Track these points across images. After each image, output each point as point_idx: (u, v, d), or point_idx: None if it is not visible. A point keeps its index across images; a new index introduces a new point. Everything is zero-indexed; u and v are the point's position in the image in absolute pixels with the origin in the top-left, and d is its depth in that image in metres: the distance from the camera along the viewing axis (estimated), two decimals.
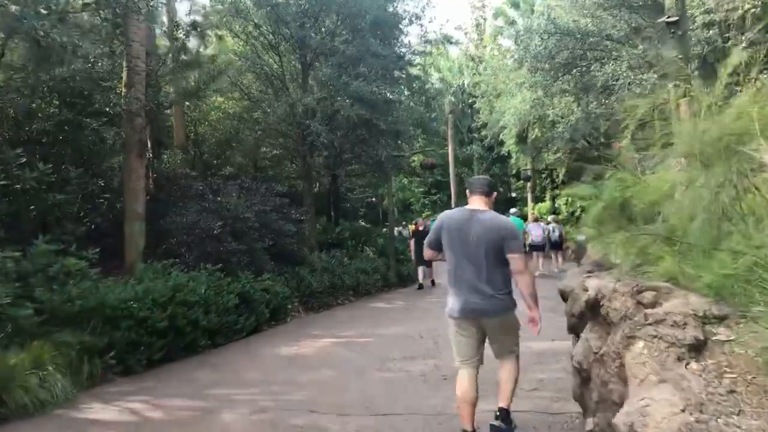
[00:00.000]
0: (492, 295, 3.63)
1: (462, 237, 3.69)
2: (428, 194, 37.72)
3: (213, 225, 9.11)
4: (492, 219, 3.74)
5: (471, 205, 3.86)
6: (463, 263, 3.69)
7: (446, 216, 3.93)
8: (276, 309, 9.23)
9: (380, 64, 13.33)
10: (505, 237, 3.67)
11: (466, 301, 3.67)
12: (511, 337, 3.86)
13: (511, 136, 24.26)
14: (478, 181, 4.01)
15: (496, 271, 3.66)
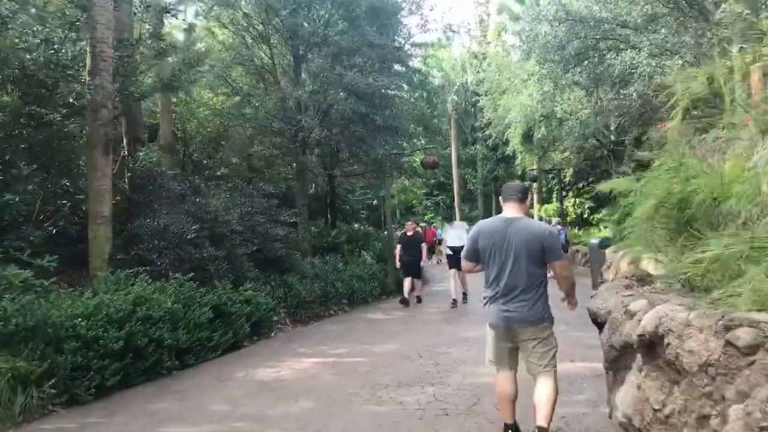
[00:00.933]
0: (528, 304, 3.61)
1: (499, 246, 3.67)
2: (430, 196, 36.79)
3: (187, 228, 8.17)
4: (529, 226, 3.71)
5: (506, 213, 3.80)
6: (501, 272, 3.66)
7: (482, 226, 3.89)
8: (258, 322, 8.28)
9: (377, 55, 12.42)
10: (544, 244, 3.64)
11: (504, 310, 3.65)
12: (547, 350, 3.71)
13: (517, 134, 23.29)
14: (512, 187, 3.91)
15: (534, 280, 3.64)
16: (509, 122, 20.28)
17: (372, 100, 11.99)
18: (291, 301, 9.54)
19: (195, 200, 9.29)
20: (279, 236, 10.16)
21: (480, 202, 35.24)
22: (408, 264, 11.19)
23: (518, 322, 3.63)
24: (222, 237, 9.02)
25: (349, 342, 7.79)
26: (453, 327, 8.54)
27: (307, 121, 11.36)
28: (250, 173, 19.11)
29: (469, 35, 31.43)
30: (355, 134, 12.67)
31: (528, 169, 25.07)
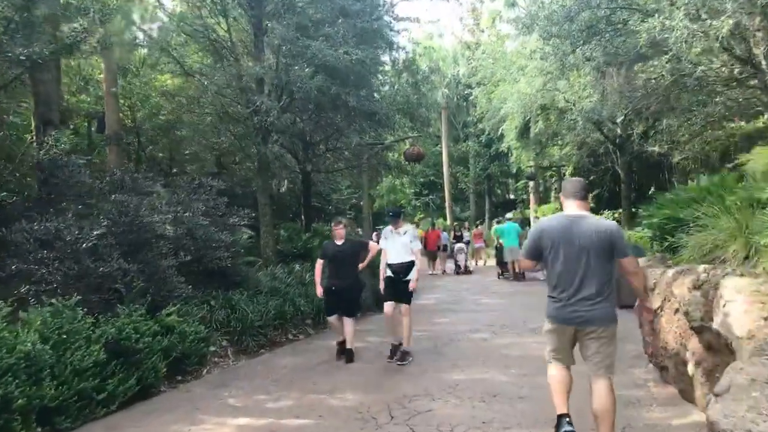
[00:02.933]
0: (595, 303, 3.53)
1: (567, 244, 3.59)
2: (420, 195, 34.88)
3: (86, 235, 6.15)
4: (596, 223, 3.66)
5: (568, 210, 3.76)
6: (565, 271, 3.60)
7: (546, 224, 3.85)
8: (182, 358, 6.26)
9: (353, 26, 10.42)
10: (613, 241, 3.55)
11: (567, 309, 3.59)
12: (610, 350, 3.61)
13: (512, 128, 21.42)
14: (574, 184, 3.82)
15: (601, 278, 3.56)
16: (505, 114, 18.39)
17: (345, 78, 10.01)
18: (235, 326, 7.52)
19: (111, 198, 7.25)
20: (223, 243, 8.14)
21: (472, 202, 33.35)
22: (337, 295, 6.80)
23: (586, 322, 3.57)
24: (140, 245, 7.00)
25: (299, 387, 5.79)
26: (436, 364, 6.56)
27: (263, 102, 9.35)
28: (218, 169, 17.14)
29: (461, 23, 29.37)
30: (326, 120, 10.66)
31: (526, 166, 23.20)
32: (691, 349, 4.39)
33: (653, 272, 5.42)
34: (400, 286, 6.74)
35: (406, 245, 6.76)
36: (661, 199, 6.08)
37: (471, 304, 11.14)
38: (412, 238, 6.85)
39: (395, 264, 6.74)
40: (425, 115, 15.16)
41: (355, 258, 7.03)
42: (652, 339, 5.44)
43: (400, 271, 6.73)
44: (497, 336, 7.92)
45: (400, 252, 6.73)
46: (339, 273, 6.89)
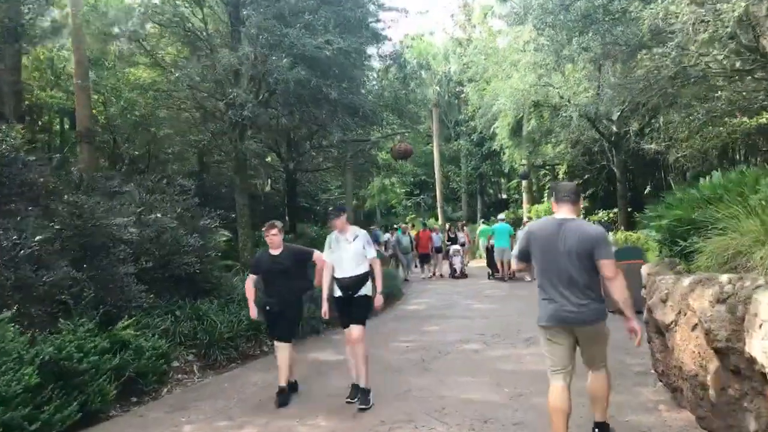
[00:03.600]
0: (585, 303, 3.61)
1: (553, 247, 3.67)
2: (411, 195, 34.26)
3: (26, 240, 5.46)
4: (582, 227, 3.75)
5: (558, 214, 3.80)
6: (553, 273, 3.68)
7: (534, 226, 3.94)
8: (137, 378, 5.60)
9: (334, 13, 9.77)
10: (595, 244, 3.60)
11: (558, 310, 3.66)
12: (601, 346, 3.79)
13: (505, 126, 20.84)
14: (565, 188, 3.90)
15: (588, 280, 3.63)
16: (497, 111, 17.80)
17: (326, 69, 9.36)
18: (202, 339, 6.85)
19: (64, 198, 6.57)
20: (192, 247, 7.48)
21: (464, 202, 32.77)
22: (276, 316, 5.49)
23: (575, 322, 3.65)
24: (98, 250, 6.33)
25: (267, 410, 5.15)
26: (422, 381, 5.94)
27: (238, 94, 8.69)
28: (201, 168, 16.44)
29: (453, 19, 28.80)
30: (308, 115, 10.02)
31: (519, 164, 22.62)
32: (713, 373, 3.78)
33: (663, 280, 4.82)
34: (353, 305, 5.24)
35: (359, 254, 5.22)
36: (670, 199, 5.47)
37: (463, 310, 10.53)
38: (365, 243, 5.28)
39: (345, 278, 5.19)
40: (414, 112, 14.55)
41: (297, 270, 5.54)
42: (663, 356, 4.83)
43: (351, 287, 5.19)
44: (489, 347, 7.30)
45: (350, 263, 5.19)
46: (274, 289, 5.48)
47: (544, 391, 5.26)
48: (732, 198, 4.66)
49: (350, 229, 5.36)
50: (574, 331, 3.68)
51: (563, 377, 3.72)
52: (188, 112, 11.15)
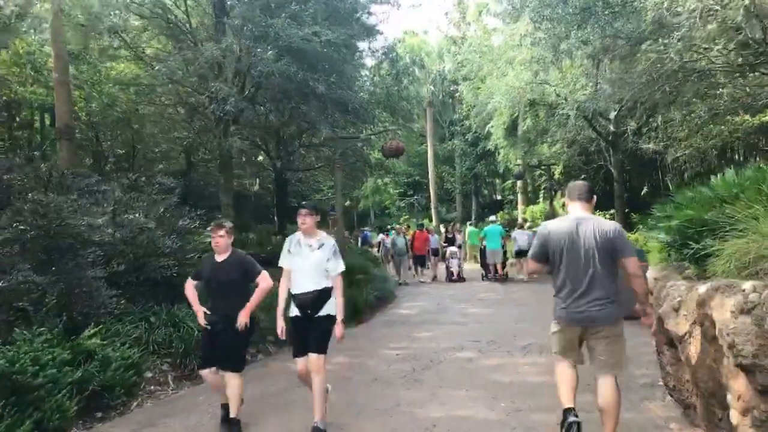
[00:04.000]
0: (604, 302, 3.60)
1: (572, 245, 3.65)
2: (405, 196, 33.85)
3: None
4: (600, 225, 3.69)
5: (574, 213, 3.80)
6: (571, 272, 3.66)
7: (551, 226, 3.86)
8: (103, 391, 5.15)
9: (323, 6, 9.35)
10: (616, 242, 3.61)
11: (574, 310, 3.65)
12: (618, 348, 3.71)
13: (500, 125, 20.47)
14: (579, 187, 3.89)
15: (607, 278, 3.62)
16: (492, 109, 17.40)
17: (313, 63, 8.94)
18: (177, 347, 6.41)
19: (28, 196, 6.12)
20: (168, 249, 7.04)
21: (458, 203, 32.39)
22: (213, 336, 4.50)
23: (593, 321, 3.61)
24: (64, 252, 5.88)
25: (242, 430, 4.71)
26: (412, 394, 5.51)
27: (220, 87, 8.26)
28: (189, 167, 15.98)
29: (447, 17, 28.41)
30: (297, 112, 9.59)
31: (514, 164, 22.24)
32: (736, 391, 3.38)
33: (674, 287, 4.42)
34: (311, 329, 4.31)
35: (320, 265, 4.33)
36: (680, 198, 5.07)
37: (456, 315, 10.12)
38: (330, 254, 4.37)
39: (301, 294, 4.32)
40: (407, 109, 14.14)
41: (243, 281, 4.60)
42: (674, 370, 4.44)
43: (310, 305, 4.32)
44: (484, 355, 6.89)
45: (309, 275, 4.30)
46: (217, 302, 4.54)
47: (544, 406, 4.90)
48: (750, 196, 4.26)
49: (318, 235, 4.45)
50: (588, 331, 3.70)
51: (569, 360, 3.79)
52: (172, 108, 10.68)
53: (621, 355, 3.70)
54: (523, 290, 13.10)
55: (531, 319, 9.27)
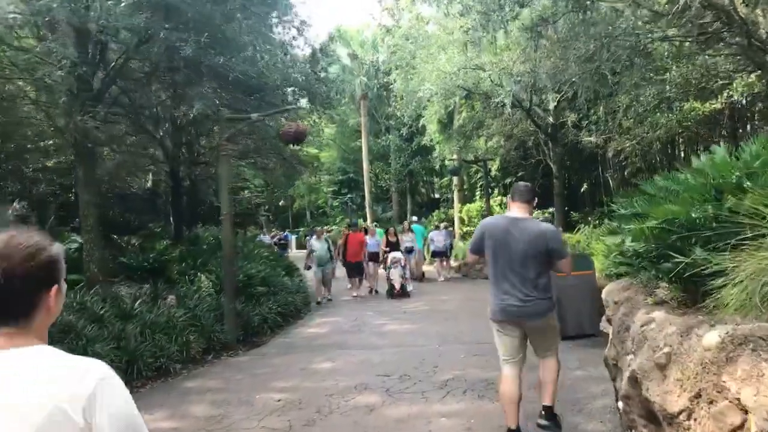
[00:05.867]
0: (535, 298, 3.73)
1: (506, 243, 3.77)
2: (338, 194, 32.04)
3: None
4: (535, 225, 3.87)
5: (512, 212, 3.94)
6: (506, 268, 3.78)
7: (488, 223, 4.05)
8: None
9: None
10: (549, 244, 3.75)
11: (509, 305, 3.77)
12: (552, 337, 4.00)
13: (434, 118, 19.01)
14: (520, 188, 4.02)
15: (539, 276, 3.75)
16: (422, 98, 15.83)
17: (183, 18, 7.00)
18: None
19: None
20: None
21: (395, 201, 30.86)
22: None
23: (526, 315, 3.78)
24: None
25: None
26: None
27: (57, 48, 6.21)
28: None
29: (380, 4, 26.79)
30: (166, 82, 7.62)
31: (448, 160, 20.85)
32: None
33: (656, 326, 2.85)
34: None
35: None
36: (652, 187, 3.53)
37: (372, 335, 8.42)
38: None
39: None
40: (325, 94, 12.34)
41: None
42: None
43: None
44: (391, 399, 5.20)
45: None
46: None
47: None
48: (765, 184, 2.75)
49: None
50: (523, 324, 3.83)
51: (513, 365, 3.86)
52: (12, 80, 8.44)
53: (554, 343, 4.02)
54: (454, 299, 11.58)
55: (458, 338, 7.71)
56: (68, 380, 1.05)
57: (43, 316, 1.17)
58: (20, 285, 1.11)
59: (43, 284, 1.16)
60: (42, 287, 1.16)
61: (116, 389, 1.09)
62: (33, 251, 1.14)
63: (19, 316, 1.13)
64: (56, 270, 1.19)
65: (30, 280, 1.13)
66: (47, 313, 1.18)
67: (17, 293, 1.11)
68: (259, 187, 28.67)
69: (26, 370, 1.06)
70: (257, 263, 10.95)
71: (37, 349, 1.11)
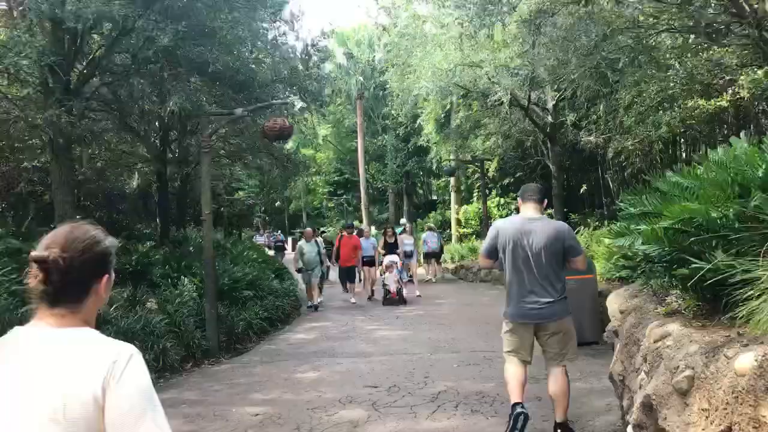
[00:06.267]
0: (552, 300, 3.73)
1: (521, 244, 3.75)
2: (334, 195, 31.64)
3: None
4: (550, 225, 3.88)
5: (525, 213, 3.93)
6: (522, 269, 3.76)
7: (502, 225, 4.01)
8: None
9: None
10: (566, 242, 3.77)
11: (527, 307, 3.76)
12: (568, 341, 3.90)
13: (431, 117, 18.63)
14: (531, 189, 4.04)
15: (555, 276, 3.77)
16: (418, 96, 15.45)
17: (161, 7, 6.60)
18: None
19: None
20: None
21: (391, 203, 30.46)
22: None
23: (543, 318, 3.75)
24: None
25: None
26: None
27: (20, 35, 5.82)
28: None
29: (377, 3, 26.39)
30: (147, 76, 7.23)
31: (444, 161, 20.46)
32: None
33: (672, 342, 2.47)
34: None
35: None
36: (664, 184, 3.15)
37: (362, 341, 8.02)
38: None
39: None
40: (317, 90, 11.95)
41: None
42: None
43: None
44: (378, 414, 4.80)
45: None
46: None
47: None
48: None
49: None
50: (540, 327, 3.81)
51: (520, 360, 3.84)
52: None
53: (570, 347, 3.88)
54: (449, 303, 11.19)
55: (452, 345, 7.32)
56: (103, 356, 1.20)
57: (92, 301, 1.31)
58: (77, 273, 1.25)
59: (96, 273, 1.31)
60: (95, 276, 1.30)
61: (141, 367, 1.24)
62: (90, 243, 1.29)
63: (73, 301, 1.27)
64: (108, 261, 1.34)
65: (85, 269, 1.27)
66: (96, 299, 1.32)
67: (74, 280, 1.25)
68: (253, 188, 28.28)
69: (70, 346, 1.22)
70: (245, 265, 10.56)
71: (82, 330, 1.27)
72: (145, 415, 1.20)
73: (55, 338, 1.22)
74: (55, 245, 1.24)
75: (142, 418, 1.19)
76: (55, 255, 1.22)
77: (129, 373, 1.21)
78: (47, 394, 1.15)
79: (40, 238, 1.30)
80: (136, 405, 1.19)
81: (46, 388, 1.15)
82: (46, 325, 1.24)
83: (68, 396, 1.15)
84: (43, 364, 1.17)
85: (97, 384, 1.16)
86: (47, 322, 1.24)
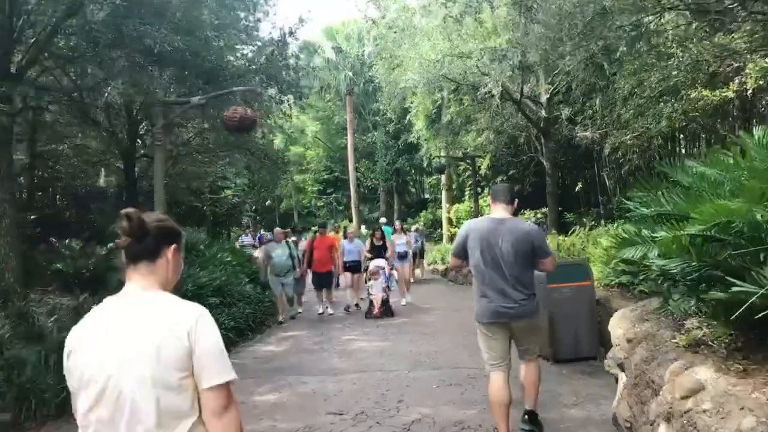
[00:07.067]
0: (521, 299, 3.76)
1: (490, 244, 3.79)
2: (323, 194, 30.84)
3: None
4: (518, 226, 3.89)
5: (495, 214, 3.97)
6: (491, 270, 3.79)
7: (472, 225, 4.02)
8: None
9: None
10: (534, 243, 3.81)
11: (496, 306, 3.79)
12: (537, 338, 4.15)
13: (421, 113, 17.89)
14: (500, 189, 4.06)
15: (524, 276, 3.81)
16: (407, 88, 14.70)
17: None
18: None
19: None
20: None
21: (382, 201, 29.70)
22: None
23: (513, 317, 3.79)
24: None
25: None
26: None
27: None
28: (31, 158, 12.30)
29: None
30: None
31: (435, 157, 19.72)
32: None
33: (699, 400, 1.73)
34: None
35: None
36: (686, 175, 2.40)
37: (335, 354, 7.26)
38: None
39: None
40: (294, 81, 11.19)
41: None
42: None
43: None
44: None
45: None
46: None
47: None
48: None
49: None
50: (510, 325, 3.85)
51: (502, 370, 3.84)
52: None
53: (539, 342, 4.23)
54: (436, 309, 10.44)
55: (433, 360, 6.58)
56: (180, 315, 1.59)
57: (163, 265, 1.71)
58: (152, 239, 1.68)
59: (165, 241, 1.72)
60: (166, 242, 1.72)
61: (211, 325, 1.63)
62: (163, 220, 1.75)
63: (149, 259, 1.68)
64: (177, 237, 1.77)
65: (158, 235, 1.70)
66: (167, 264, 1.72)
67: (150, 242, 1.68)
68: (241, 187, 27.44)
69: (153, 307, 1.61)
70: (216, 269, 9.78)
71: (161, 294, 1.67)
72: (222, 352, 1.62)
73: (147, 300, 1.62)
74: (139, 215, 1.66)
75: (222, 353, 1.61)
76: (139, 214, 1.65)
77: (208, 324, 1.61)
78: (148, 340, 1.54)
79: None
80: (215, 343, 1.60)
81: (147, 336, 1.55)
82: (135, 288, 1.64)
83: (163, 341, 1.54)
84: (142, 319, 1.58)
85: (184, 333, 1.55)
86: (135, 285, 1.65)
